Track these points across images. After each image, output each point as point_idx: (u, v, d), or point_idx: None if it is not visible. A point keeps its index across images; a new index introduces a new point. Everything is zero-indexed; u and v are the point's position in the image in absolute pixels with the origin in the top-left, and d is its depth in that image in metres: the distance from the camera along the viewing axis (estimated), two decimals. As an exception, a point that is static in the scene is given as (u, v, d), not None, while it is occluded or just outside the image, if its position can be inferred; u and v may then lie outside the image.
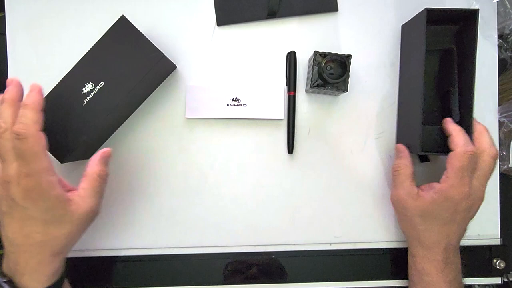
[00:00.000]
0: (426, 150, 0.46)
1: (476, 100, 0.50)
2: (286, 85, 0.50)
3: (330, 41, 0.50)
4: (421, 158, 0.49)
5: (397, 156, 0.47)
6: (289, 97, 0.50)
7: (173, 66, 0.49)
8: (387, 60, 0.50)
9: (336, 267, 0.51)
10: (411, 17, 0.47)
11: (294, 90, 0.50)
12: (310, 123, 0.50)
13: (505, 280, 0.51)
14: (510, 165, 0.51)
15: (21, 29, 0.50)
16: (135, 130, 0.50)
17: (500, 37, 0.51)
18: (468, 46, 0.44)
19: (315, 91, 0.49)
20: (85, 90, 0.43)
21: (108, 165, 0.42)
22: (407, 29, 0.49)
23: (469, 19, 0.44)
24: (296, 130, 0.50)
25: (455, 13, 0.44)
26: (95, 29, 0.46)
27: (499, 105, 0.51)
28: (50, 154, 0.41)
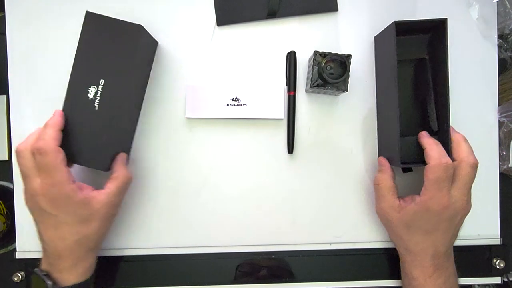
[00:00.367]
0: (406, 162, 0.45)
1: (476, 100, 0.50)
2: (286, 85, 0.50)
3: (330, 41, 0.50)
4: (404, 169, 0.49)
5: (379, 170, 0.47)
6: (289, 97, 0.50)
7: (155, 42, 0.49)
8: (387, 60, 0.50)
9: (336, 267, 0.51)
10: (382, 29, 0.47)
11: (294, 90, 0.50)
12: (310, 123, 0.50)
13: (505, 280, 0.51)
14: (510, 165, 0.51)
15: (21, 29, 0.50)
16: (135, 130, 0.50)
17: (500, 37, 0.51)
18: (440, 55, 0.44)
19: (315, 91, 0.49)
20: (91, 95, 0.43)
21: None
22: (379, 41, 0.49)
23: (439, 29, 0.44)
24: (296, 130, 0.50)
25: (425, 24, 0.44)
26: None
27: (499, 105, 0.51)
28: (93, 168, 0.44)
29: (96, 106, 0.43)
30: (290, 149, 0.50)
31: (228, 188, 0.50)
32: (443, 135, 0.45)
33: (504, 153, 0.51)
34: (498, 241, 0.51)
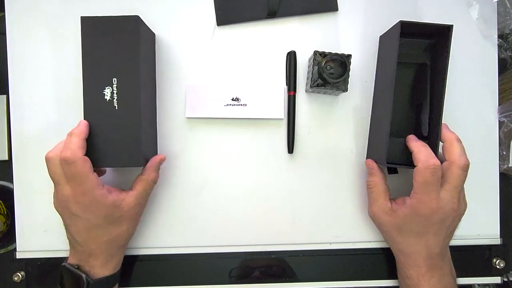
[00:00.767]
0: (392, 162, 0.45)
1: (476, 100, 0.51)
2: (286, 85, 0.50)
3: (330, 41, 0.50)
4: (389, 170, 0.49)
5: (369, 173, 0.47)
6: (289, 97, 0.50)
7: (153, 33, 0.49)
8: (387, 60, 0.50)
9: (336, 267, 0.51)
10: (388, 28, 0.46)
11: (294, 90, 0.50)
12: (310, 123, 0.50)
13: (505, 280, 0.51)
14: (510, 165, 0.51)
15: (21, 29, 0.50)
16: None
17: (500, 37, 0.51)
18: (441, 62, 0.44)
19: (315, 91, 0.49)
20: (108, 97, 0.43)
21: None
22: (384, 40, 0.49)
23: (443, 35, 0.43)
24: (296, 130, 0.50)
25: (430, 28, 0.44)
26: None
27: (499, 105, 0.51)
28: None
29: (116, 106, 0.43)
30: (290, 149, 0.50)
31: (228, 188, 0.50)
32: (433, 141, 0.44)
33: (504, 153, 0.51)
34: (498, 241, 0.51)
